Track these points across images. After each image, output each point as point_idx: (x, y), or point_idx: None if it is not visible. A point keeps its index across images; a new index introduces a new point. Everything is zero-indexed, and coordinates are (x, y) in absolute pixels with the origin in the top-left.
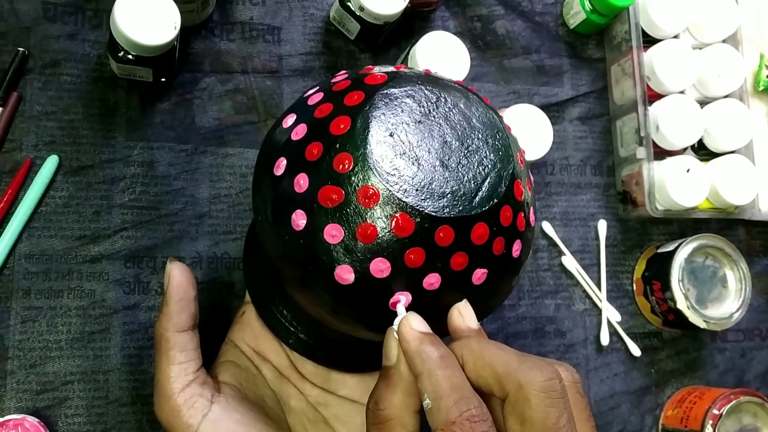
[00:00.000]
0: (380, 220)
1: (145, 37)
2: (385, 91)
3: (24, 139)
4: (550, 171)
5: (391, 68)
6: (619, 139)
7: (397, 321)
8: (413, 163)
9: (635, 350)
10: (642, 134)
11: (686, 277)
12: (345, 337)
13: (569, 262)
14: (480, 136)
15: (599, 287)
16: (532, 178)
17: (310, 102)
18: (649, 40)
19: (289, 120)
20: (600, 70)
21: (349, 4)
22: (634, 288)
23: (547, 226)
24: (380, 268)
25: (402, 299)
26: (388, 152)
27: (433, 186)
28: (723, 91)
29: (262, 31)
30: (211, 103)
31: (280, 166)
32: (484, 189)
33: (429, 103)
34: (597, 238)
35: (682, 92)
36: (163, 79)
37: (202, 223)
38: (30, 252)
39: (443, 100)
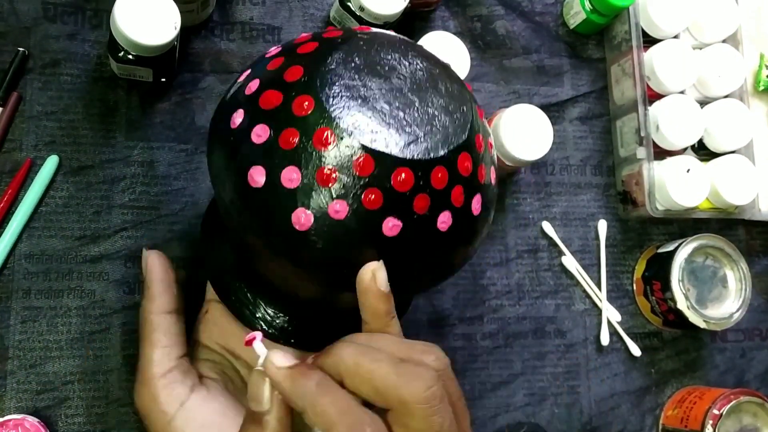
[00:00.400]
0: (338, 162)
1: (145, 37)
2: (364, 37)
3: (24, 139)
4: (550, 171)
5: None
6: (619, 139)
7: (260, 361)
8: (371, 109)
9: (635, 350)
10: (642, 134)
11: (686, 277)
12: (318, 313)
13: (569, 262)
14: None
15: (599, 287)
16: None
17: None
18: (649, 40)
19: (243, 76)
20: (600, 70)
21: (349, 4)
22: (634, 288)
23: (547, 226)
24: (336, 208)
25: (258, 335)
26: (347, 95)
27: (392, 131)
28: (723, 91)
29: (262, 31)
30: (211, 102)
31: (236, 121)
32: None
33: (398, 57)
34: (597, 238)
35: (682, 92)
36: (163, 79)
37: None
38: (30, 252)
39: (417, 61)
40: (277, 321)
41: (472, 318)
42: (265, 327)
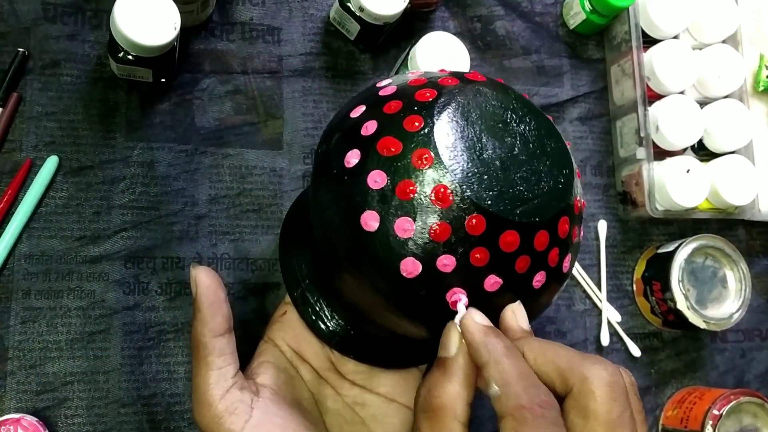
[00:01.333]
0: (451, 219)
1: (145, 38)
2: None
3: (24, 139)
4: None
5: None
6: (619, 139)
7: (458, 317)
8: (486, 168)
9: (635, 350)
10: (642, 134)
11: (686, 277)
12: (386, 332)
13: None
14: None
15: (599, 287)
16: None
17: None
18: (648, 41)
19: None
20: (600, 71)
21: (348, 4)
22: (634, 288)
23: None
24: (444, 262)
25: (462, 298)
26: (466, 153)
27: (504, 193)
28: (723, 91)
29: (262, 31)
30: (211, 103)
31: (352, 161)
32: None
33: (511, 113)
34: (597, 238)
35: (682, 93)
36: (163, 80)
37: (202, 223)
38: (30, 252)
39: (527, 118)
40: (340, 331)
41: None
42: (329, 336)
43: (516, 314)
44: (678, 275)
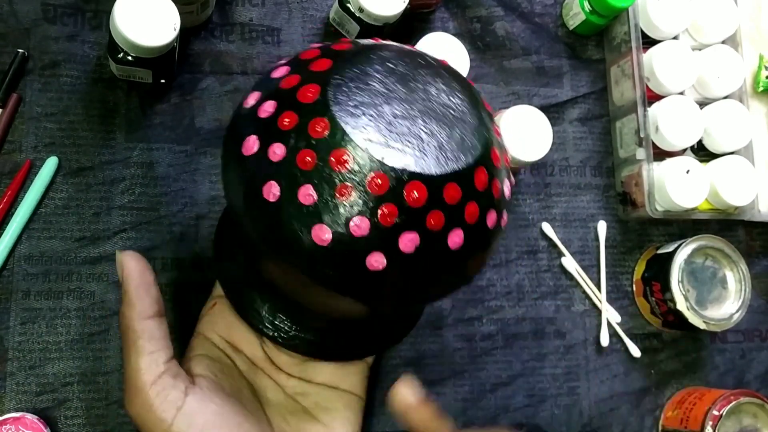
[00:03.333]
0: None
1: (145, 39)
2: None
3: (23, 140)
4: (550, 172)
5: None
6: (619, 140)
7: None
8: (384, 125)
9: (635, 351)
10: (642, 135)
11: (686, 278)
12: (322, 322)
13: (569, 263)
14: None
15: (599, 288)
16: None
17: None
18: (648, 41)
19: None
20: (599, 71)
21: (348, 5)
22: (634, 289)
23: (546, 227)
24: (357, 224)
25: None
26: (361, 108)
27: (408, 147)
28: (722, 92)
29: (261, 32)
30: (210, 104)
31: (250, 143)
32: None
33: (410, 72)
34: (597, 239)
35: (681, 93)
36: (162, 81)
37: (202, 224)
38: (29, 253)
39: (427, 76)
40: (283, 327)
41: (471, 319)
42: (270, 331)
43: (406, 391)
44: (678, 276)
